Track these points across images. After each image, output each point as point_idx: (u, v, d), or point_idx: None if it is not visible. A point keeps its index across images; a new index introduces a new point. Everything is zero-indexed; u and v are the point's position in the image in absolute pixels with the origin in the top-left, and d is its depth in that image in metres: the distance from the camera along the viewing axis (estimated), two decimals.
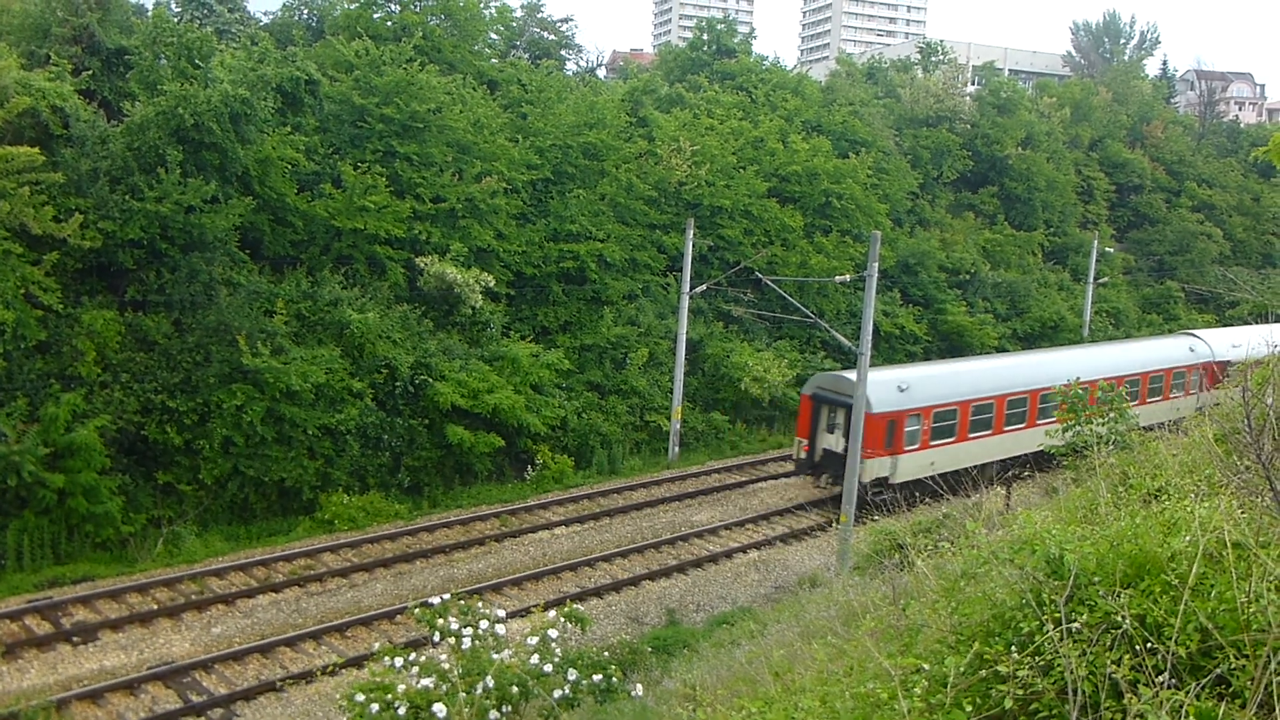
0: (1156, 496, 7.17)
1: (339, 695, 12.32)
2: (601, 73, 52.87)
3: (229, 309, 25.64)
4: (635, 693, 12.08)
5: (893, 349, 41.62)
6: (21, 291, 22.49)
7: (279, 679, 18.16)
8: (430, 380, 28.20)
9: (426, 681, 11.52)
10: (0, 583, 21.05)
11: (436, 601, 12.95)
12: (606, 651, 15.02)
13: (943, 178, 50.67)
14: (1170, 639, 4.48)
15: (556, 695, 11.56)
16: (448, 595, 13.39)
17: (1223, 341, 38.35)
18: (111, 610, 20.45)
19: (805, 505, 29.83)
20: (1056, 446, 21.37)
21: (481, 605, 13.32)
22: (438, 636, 12.61)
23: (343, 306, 28.00)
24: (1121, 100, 65.79)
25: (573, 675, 11.99)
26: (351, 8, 36.15)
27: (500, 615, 13.10)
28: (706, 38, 51.05)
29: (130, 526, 23.38)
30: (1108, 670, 4.45)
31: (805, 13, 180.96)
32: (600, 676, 12.15)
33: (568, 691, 11.79)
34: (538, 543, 25.97)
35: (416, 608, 12.96)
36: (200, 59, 26.04)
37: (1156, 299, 56.05)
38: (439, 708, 10.62)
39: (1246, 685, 4.24)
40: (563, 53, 47.73)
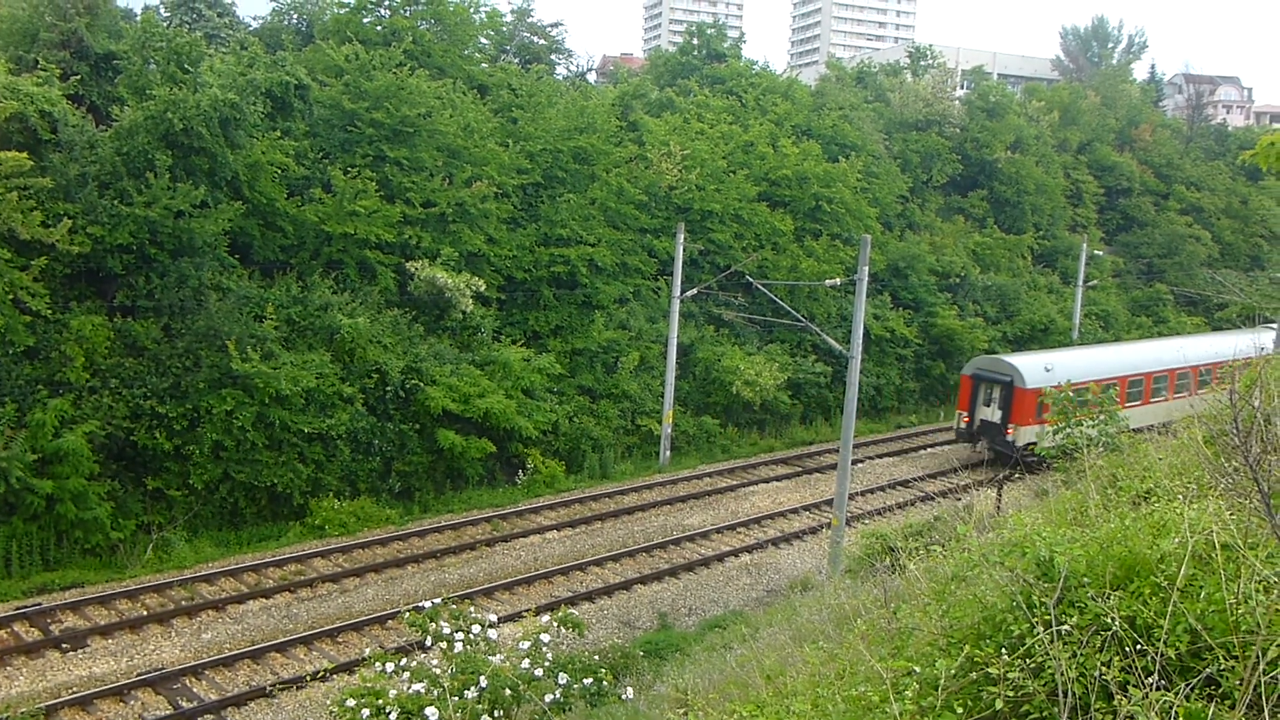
0: (1146, 498, 7.20)
1: (330, 701, 12.32)
2: (592, 77, 52.77)
3: (219, 314, 25.55)
4: (626, 696, 12.09)
5: (883, 352, 41.71)
6: (9, 297, 22.41)
7: (270, 685, 18.10)
8: (421, 385, 28.15)
9: (418, 686, 11.53)
10: None
11: (428, 606, 12.96)
12: (598, 655, 15.04)
13: (932, 181, 50.79)
14: (1160, 640, 4.49)
15: (548, 699, 11.57)
16: (439, 600, 13.40)
17: None
18: (101, 616, 20.37)
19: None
20: (1047, 449, 21.67)
21: (473, 610, 13.33)
22: (429, 641, 12.63)
23: (333, 311, 27.94)
24: (1110, 104, 66.09)
25: (564, 679, 12.01)
26: (341, 12, 36.08)
27: (492, 620, 13.11)
28: (696, 42, 51.11)
29: (120, 532, 23.28)
30: (1098, 672, 4.47)
31: (795, 16, 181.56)
32: (591, 680, 12.17)
33: (559, 696, 11.81)
34: (529, 547, 25.95)
35: (408, 612, 12.97)
36: (189, 64, 26.01)
37: (1145, 301, 56.27)
38: (431, 711, 10.62)
39: (1236, 686, 4.27)
40: (553, 57, 47.61)
